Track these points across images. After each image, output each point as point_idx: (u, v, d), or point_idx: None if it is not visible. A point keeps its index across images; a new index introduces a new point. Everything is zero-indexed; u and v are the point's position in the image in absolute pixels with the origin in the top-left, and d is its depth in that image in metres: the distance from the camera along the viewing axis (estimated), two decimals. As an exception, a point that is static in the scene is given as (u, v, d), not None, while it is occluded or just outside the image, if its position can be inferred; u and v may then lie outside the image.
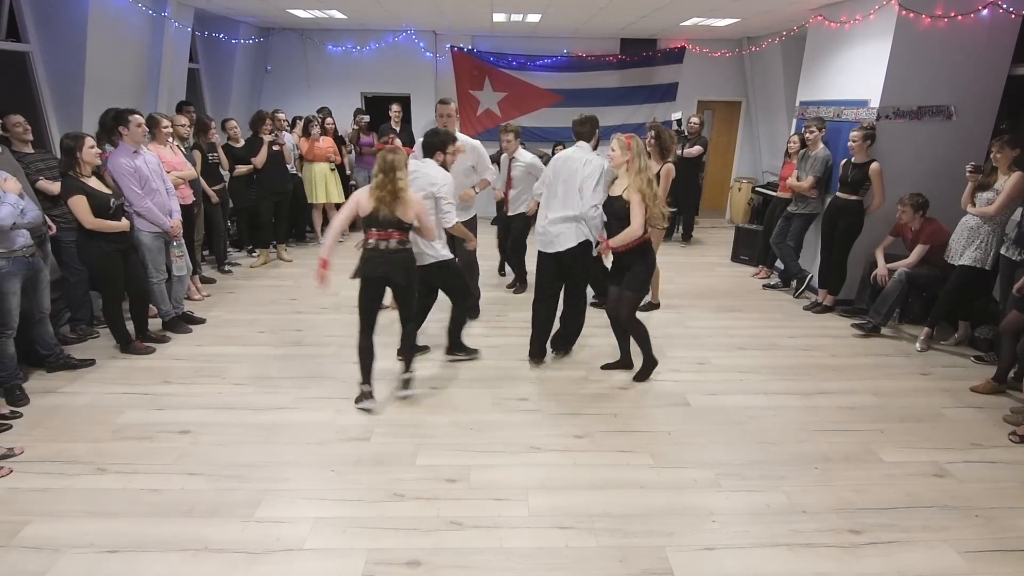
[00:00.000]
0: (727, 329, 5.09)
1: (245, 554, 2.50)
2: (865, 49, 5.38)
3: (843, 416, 3.72)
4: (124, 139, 4.30)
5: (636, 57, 8.97)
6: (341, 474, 3.05)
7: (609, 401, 3.84)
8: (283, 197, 6.75)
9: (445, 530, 2.66)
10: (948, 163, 5.12)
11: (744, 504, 2.87)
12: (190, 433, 3.38)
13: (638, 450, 3.30)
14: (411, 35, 8.69)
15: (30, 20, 4.90)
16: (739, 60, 9.04)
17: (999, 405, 3.87)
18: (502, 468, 3.12)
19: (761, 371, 4.30)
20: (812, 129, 5.61)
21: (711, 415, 3.70)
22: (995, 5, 4.88)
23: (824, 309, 5.54)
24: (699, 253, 7.69)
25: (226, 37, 7.55)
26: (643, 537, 2.63)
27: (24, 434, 3.31)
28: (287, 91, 8.82)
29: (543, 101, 9.08)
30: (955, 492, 3.00)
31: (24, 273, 3.59)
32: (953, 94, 5.17)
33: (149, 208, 4.36)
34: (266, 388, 3.93)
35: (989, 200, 4.31)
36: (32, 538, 2.55)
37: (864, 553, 2.57)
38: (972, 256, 4.40)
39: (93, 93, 5.18)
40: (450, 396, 3.87)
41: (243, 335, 4.76)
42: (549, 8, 6.54)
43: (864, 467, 3.19)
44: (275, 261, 6.82)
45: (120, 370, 4.12)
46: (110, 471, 3.02)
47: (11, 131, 4.12)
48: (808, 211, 5.72)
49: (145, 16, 5.81)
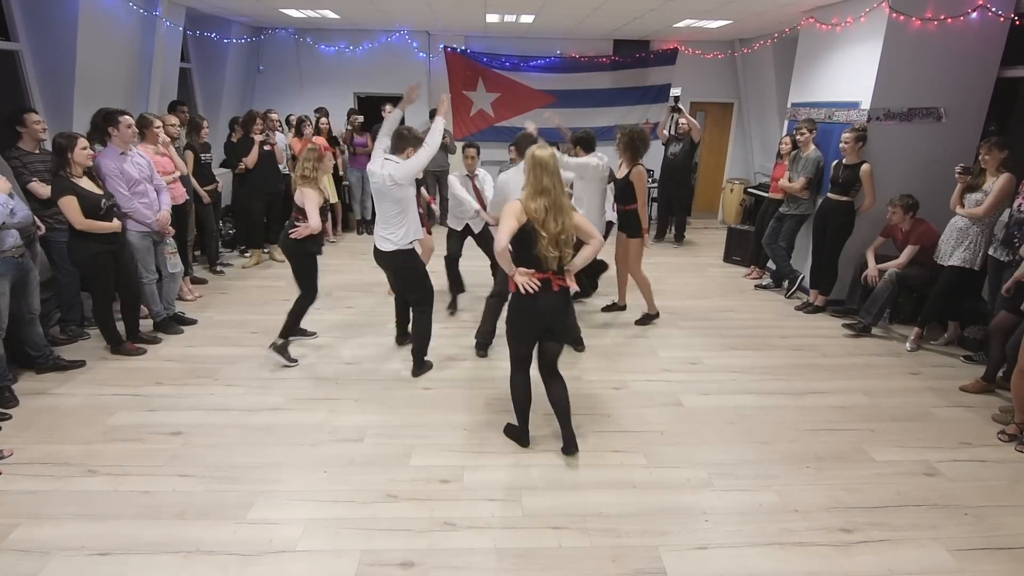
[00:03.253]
0: (719, 329, 5.11)
1: (237, 556, 2.48)
2: (856, 51, 5.42)
3: (834, 415, 3.75)
4: (113, 140, 4.27)
5: (629, 58, 9.00)
6: (334, 475, 3.04)
7: (602, 401, 3.84)
8: (275, 197, 6.73)
9: (438, 531, 2.65)
10: (938, 164, 5.16)
11: (736, 503, 2.89)
12: (182, 434, 3.36)
13: (631, 450, 3.31)
14: (404, 35, 8.68)
15: (20, 19, 4.86)
16: (731, 62, 9.08)
17: (988, 404, 3.90)
18: (495, 468, 3.12)
19: (753, 371, 4.32)
20: (803, 131, 5.64)
21: (704, 415, 3.71)
22: (984, 8, 4.93)
23: (815, 309, 5.58)
24: (692, 254, 7.72)
25: (218, 36, 7.52)
26: (636, 537, 2.64)
27: (14, 436, 3.28)
28: (279, 91, 8.79)
29: (536, 102, 9.09)
30: (945, 491, 3.02)
31: (13, 274, 3.56)
32: (943, 96, 5.21)
33: (136, 208, 4.34)
34: (258, 389, 3.91)
35: (978, 201, 4.35)
36: (22, 541, 2.53)
37: (855, 551, 2.59)
38: (961, 257, 4.44)
39: (84, 92, 5.14)
40: (443, 396, 3.87)
41: (235, 336, 4.73)
42: (542, 9, 6.55)
43: (855, 466, 3.21)
44: (267, 261, 6.79)
45: (111, 371, 4.09)
46: (101, 473, 3.00)
47: (29, 128, 4.13)
48: (800, 212, 5.76)
49: (136, 15, 5.77)
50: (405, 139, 3.83)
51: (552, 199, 2.85)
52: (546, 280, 2.91)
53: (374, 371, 4.17)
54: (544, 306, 2.95)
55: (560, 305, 3.01)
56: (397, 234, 3.84)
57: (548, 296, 2.93)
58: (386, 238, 3.87)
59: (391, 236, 3.85)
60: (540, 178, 2.86)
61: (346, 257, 7.15)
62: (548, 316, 3.00)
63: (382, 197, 3.84)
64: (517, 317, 3.05)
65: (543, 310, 2.96)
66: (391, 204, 3.81)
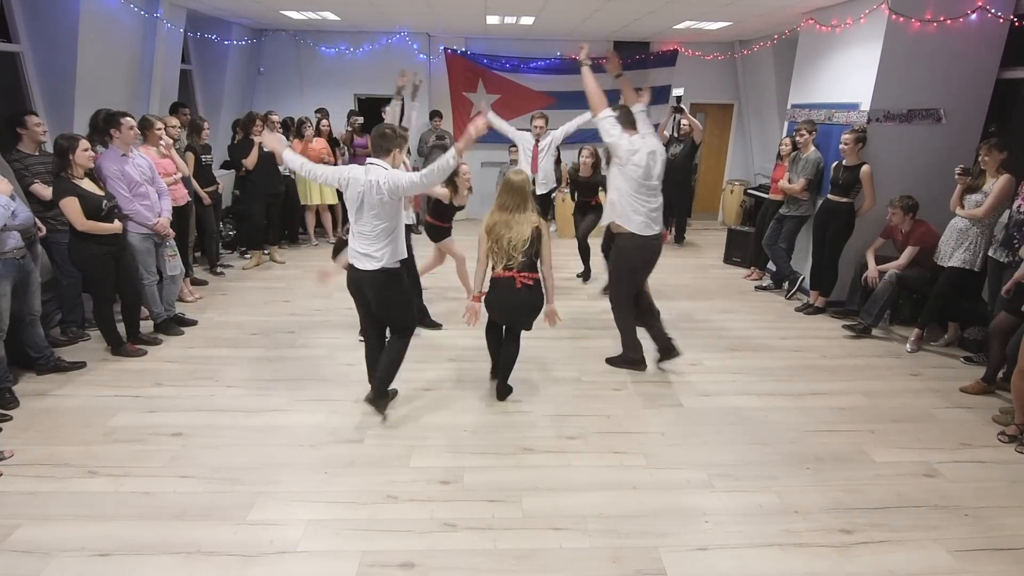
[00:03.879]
0: (719, 330, 5.11)
1: (238, 557, 2.49)
2: (856, 53, 5.43)
3: (834, 417, 3.75)
4: (114, 142, 4.28)
5: (629, 60, 8.99)
6: (334, 476, 3.04)
7: (602, 402, 3.85)
8: (275, 199, 6.74)
9: (439, 532, 2.66)
10: (938, 166, 5.17)
11: (737, 504, 2.89)
12: (182, 435, 3.36)
13: (631, 451, 3.31)
14: (404, 37, 8.69)
15: (21, 20, 4.87)
16: (731, 63, 9.09)
17: (988, 405, 3.90)
18: (495, 470, 3.12)
19: (753, 372, 4.32)
20: (802, 132, 5.64)
21: (704, 416, 3.71)
22: (983, 9, 4.93)
23: (816, 310, 5.58)
24: (692, 255, 7.73)
25: (219, 38, 7.53)
26: (636, 538, 2.64)
27: (14, 437, 3.28)
28: (280, 92, 8.80)
29: (536, 103, 9.08)
30: (945, 492, 3.02)
31: (15, 275, 3.57)
32: (943, 97, 5.22)
33: (137, 210, 4.35)
34: (259, 390, 3.91)
35: (978, 202, 4.36)
36: (23, 542, 2.53)
37: (855, 552, 2.59)
38: (961, 258, 4.44)
39: (84, 94, 5.14)
40: (443, 398, 3.87)
41: (235, 337, 4.74)
42: (543, 11, 6.56)
43: (855, 467, 3.22)
44: (268, 263, 6.80)
45: (111, 372, 4.09)
46: (101, 474, 3.00)
47: (30, 130, 4.14)
48: (800, 213, 5.76)
49: (137, 17, 5.78)
50: (388, 138, 3.25)
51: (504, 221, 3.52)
52: (510, 279, 3.52)
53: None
54: (508, 302, 3.59)
55: (520, 300, 3.57)
56: (384, 251, 3.28)
57: (512, 293, 3.55)
58: (369, 255, 3.27)
59: (375, 253, 3.27)
60: (502, 198, 3.57)
61: (346, 258, 7.13)
62: (510, 311, 3.64)
63: (363, 208, 3.23)
64: (489, 308, 3.71)
65: (506, 306, 3.62)
66: (374, 217, 3.22)
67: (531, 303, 3.60)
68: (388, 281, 3.35)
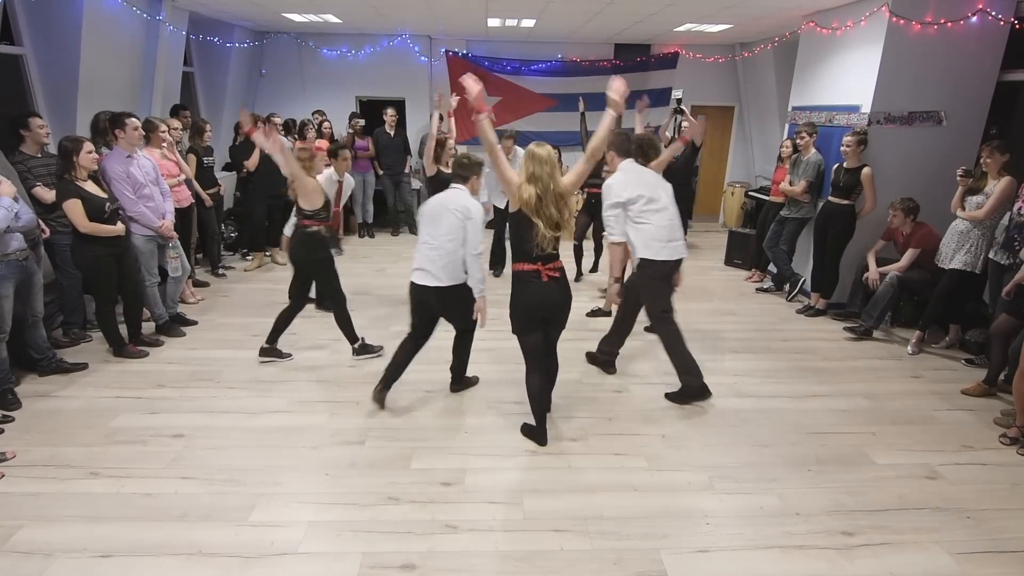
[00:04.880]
0: (720, 332, 5.11)
1: (239, 558, 2.49)
2: (856, 55, 5.43)
3: (835, 419, 3.75)
4: (119, 143, 4.30)
5: (630, 62, 9.01)
6: (335, 478, 3.04)
7: (603, 404, 3.85)
8: (277, 200, 6.74)
9: (440, 533, 2.66)
10: (939, 168, 5.17)
11: (738, 506, 2.89)
12: (184, 437, 3.37)
13: (632, 453, 3.31)
14: (406, 39, 8.71)
15: (24, 23, 4.88)
16: (732, 65, 9.10)
17: (990, 407, 3.90)
18: (497, 471, 3.12)
19: (754, 374, 4.32)
20: (803, 134, 5.65)
21: (705, 418, 3.71)
22: (984, 12, 4.94)
23: (817, 312, 5.58)
24: (693, 257, 7.70)
25: (221, 41, 7.55)
26: (637, 540, 2.64)
27: (16, 438, 3.29)
28: (282, 95, 8.82)
29: (537, 105, 9.11)
30: (946, 494, 3.02)
31: (17, 277, 3.58)
32: (943, 100, 5.22)
33: (142, 212, 4.36)
34: (260, 392, 3.92)
35: (979, 204, 4.36)
36: (25, 543, 2.54)
37: (857, 555, 2.59)
38: (962, 260, 4.44)
39: (87, 96, 5.16)
40: (444, 399, 3.87)
41: (237, 339, 4.74)
42: (544, 13, 6.57)
43: (856, 469, 3.21)
44: (269, 264, 6.81)
45: (113, 374, 4.10)
46: (103, 475, 3.00)
47: (33, 132, 4.15)
48: (800, 215, 5.76)
49: (139, 19, 5.80)
50: (467, 167, 3.44)
51: (544, 186, 3.00)
52: (536, 271, 3.08)
53: (375, 374, 4.16)
54: (541, 297, 3.12)
55: (554, 295, 3.14)
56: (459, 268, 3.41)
57: (541, 287, 3.10)
58: (438, 273, 3.41)
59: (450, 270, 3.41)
60: (529, 168, 3.03)
61: (347, 260, 7.14)
62: (546, 307, 3.16)
63: (448, 229, 3.35)
64: (516, 308, 3.21)
65: (540, 302, 3.13)
66: (455, 240, 3.35)
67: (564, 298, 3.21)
68: (462, 293, 3.50)
